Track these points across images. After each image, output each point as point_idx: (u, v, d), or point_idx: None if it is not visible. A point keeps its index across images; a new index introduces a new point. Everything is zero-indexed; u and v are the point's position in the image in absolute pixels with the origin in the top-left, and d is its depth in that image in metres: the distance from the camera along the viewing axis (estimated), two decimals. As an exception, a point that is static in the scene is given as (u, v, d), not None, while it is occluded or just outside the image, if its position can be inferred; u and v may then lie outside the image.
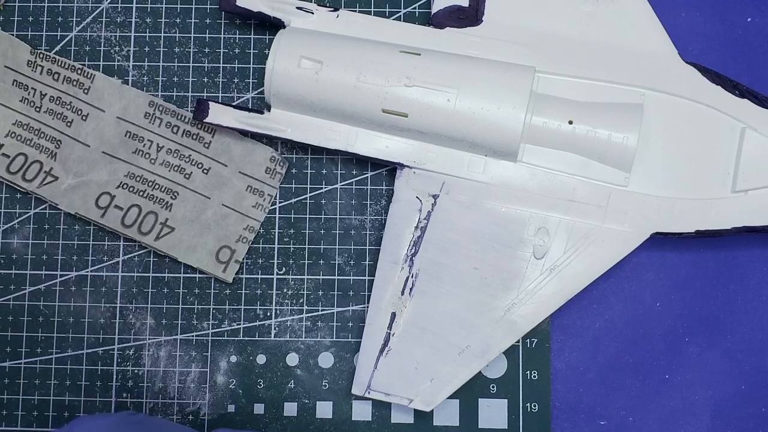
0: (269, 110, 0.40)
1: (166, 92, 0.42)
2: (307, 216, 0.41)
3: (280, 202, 0.41)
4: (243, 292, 0.41)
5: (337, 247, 0.41)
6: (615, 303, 0.41)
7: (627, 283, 0.41)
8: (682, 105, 0.39)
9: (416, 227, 0.39)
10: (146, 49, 0.42)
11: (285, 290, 0.41)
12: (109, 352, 0.41)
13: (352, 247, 0.41)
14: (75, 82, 0.41)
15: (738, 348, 0.41)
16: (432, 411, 0.40)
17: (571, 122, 0.37)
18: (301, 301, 0.41)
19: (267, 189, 0.41)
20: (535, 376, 0.40)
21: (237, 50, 0.42)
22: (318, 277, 0.41)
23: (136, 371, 0.41)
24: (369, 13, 0.42)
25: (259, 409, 0.40)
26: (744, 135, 0.38)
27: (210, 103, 0.40)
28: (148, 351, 0.41)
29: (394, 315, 0.39)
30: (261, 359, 0.41)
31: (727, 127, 0.38)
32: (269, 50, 0.39)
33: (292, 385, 0.40)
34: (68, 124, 0.41)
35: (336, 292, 0.41)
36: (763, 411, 0.40)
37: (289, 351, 0.41)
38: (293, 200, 0.41)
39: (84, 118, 0.41)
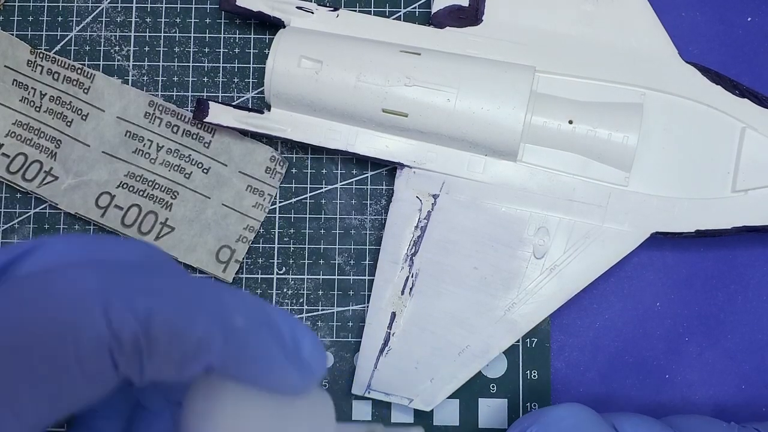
0: (269, 110, 0.40)
1: (166, 92, 0.42)
2: (307, 216, 0.41)
3: (280, 202, 0.41)
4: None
5: (337, 247, 0.41)
6: (615, 303, 0.41)
7: (627, 283, 0.41)
8: (682, 105, 0.39)
9: (416, 227, 0.39)
10: (146, 49, 0.42)
11: (285, 290, 0.41)
12: (108, 352, 0.41)
13: (352, 247, 0.41)
14: (75, 82, 0.41)
15: (738, 348, 0.41)
16: (432, 411, 0.40)
17: (571, 122, 0.37)
18: (301, 300, 0.41)
19: (267, 189, 0.41)
20: (535, 376, 0.40)
21: (237, 50, 0.42)
22: (318, 277, 0.41)
23: (135, 371, 0.41)
24: (369, 13, 0.42)
25: (259, 408, 0.40)
26: (744, 135, 0.38)
27: (210, 102, 0.40)
28: (148, 351, 0.41)
29: (394, 315, 0.39)
30: (261, 359, 0.41)
31: (727, 127, 0.38)
32: (269, 50, 0.39)
33: (292, 385, 0.40)
34: (68, 123, 0.41)
35: (336, 292, 0.41)
36: (763, 411, 0.40)
37: (289, 351, 0.41)
38: (293, 200, 0.41)
39: (84, 117, 0.41)
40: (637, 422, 0.35)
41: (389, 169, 0.41)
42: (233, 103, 0.42)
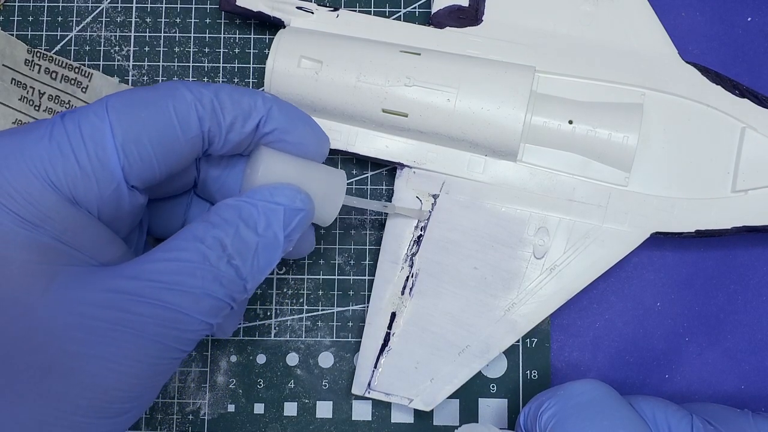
0: (269, 110, 0.40)
1: (165, 92, 0.42)
2: (307, 216, 0.41)
3: (279, 202, 0.41)
4: (243, 291, 0.41)
5: (337, 247, 0.41)
6: (615, 303, 0.41)
7: (627, 283, 0.41)
8: (682, 105, 0.39)
9: (416, 227, 0.39)
10: (146, 49, 0.42)
11: (285, 290, 0.41)
12: (108, 352, 0.41)
13: (352, 247, 0.41)
14: (73, 81, 0.41)
15: (738, 348, 0.41)
16: (432, 411, 0.40)
17: (571, 122, 0.37)
18: (301, 300, 0.41)
19: (267, 189, 0.41)
20: (535, 376, 0.40)
21: (237, 50, 0.42)
22: (318, 276, 0.41)
23: (135, 371, 0.40)
24: (369, 13, 0.42)
25: (259, 408, 0.40)
26: (744, 135, 0.38)
27: (210, 102, 0.40)
28: (148, 351, 0.41)
29: (394, 315, 0.39)
30: (261, 359, 0.41)
31: (727, 127, 0.38)
32: (269, 50, 0.39)
33: (292, 385, 0.40)
34: (68, 123, 0.41)
35: (336, 292, 0.41)
36: (763, 411, 0.40)
37: (289, 351, 0.41)
38: (293, 200, 0.41)
39: (84, 117, 0.41)
40: (654, 402, 0.35)
41: (389, 169, 0.41)
42: (233, 103, 0.42)
